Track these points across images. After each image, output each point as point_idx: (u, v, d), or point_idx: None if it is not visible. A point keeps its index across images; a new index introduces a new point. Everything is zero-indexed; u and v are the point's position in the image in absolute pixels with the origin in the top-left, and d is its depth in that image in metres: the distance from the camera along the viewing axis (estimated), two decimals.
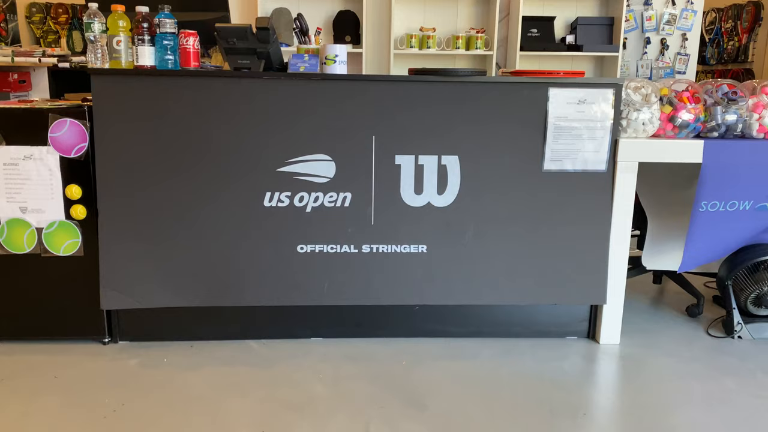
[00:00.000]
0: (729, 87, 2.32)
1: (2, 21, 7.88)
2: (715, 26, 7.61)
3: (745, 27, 7.16)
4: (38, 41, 8.57)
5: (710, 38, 7.71)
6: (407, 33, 3.94)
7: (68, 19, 8.57)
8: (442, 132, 2.22)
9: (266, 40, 2.13)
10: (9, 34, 8.05)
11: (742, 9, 7.12)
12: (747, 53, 7.14)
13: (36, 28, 8.51)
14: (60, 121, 2.12)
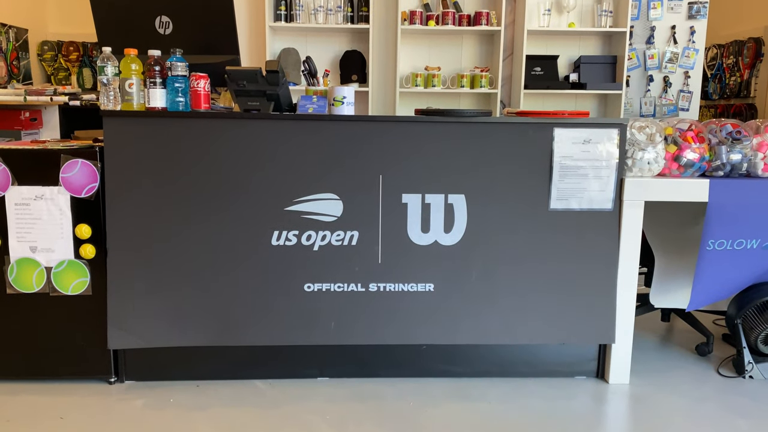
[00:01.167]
0: (733, 126, 2.34)
1: (14, 59, 8.04)
2: (716, 62, 7.70)
3: (747, 63, 7.24)
4: (49, 78, 8.73)
5: (712, 74, 7.79)
6: (413, 72, 4.01)
7: (79, 56, 8.74)
8: (449, 171, 2.24)
9: (276, 82, 2.17)
10: (21, 72, 8.21)
11: (742, 45, 7.21)
12: (749, 88, 7.20)
13: (47, 66, 8.68)
14: (72, 161, 2.15)
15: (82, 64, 8.77)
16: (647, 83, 4.16)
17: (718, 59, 7.67)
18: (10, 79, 8.11)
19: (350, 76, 4.08)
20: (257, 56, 4.17)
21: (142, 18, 2.26)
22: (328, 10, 3.93)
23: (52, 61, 8.68)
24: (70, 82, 8.80)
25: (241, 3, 4.11)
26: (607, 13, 3.92)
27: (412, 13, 3.88)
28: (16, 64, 8.08)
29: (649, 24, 4.12)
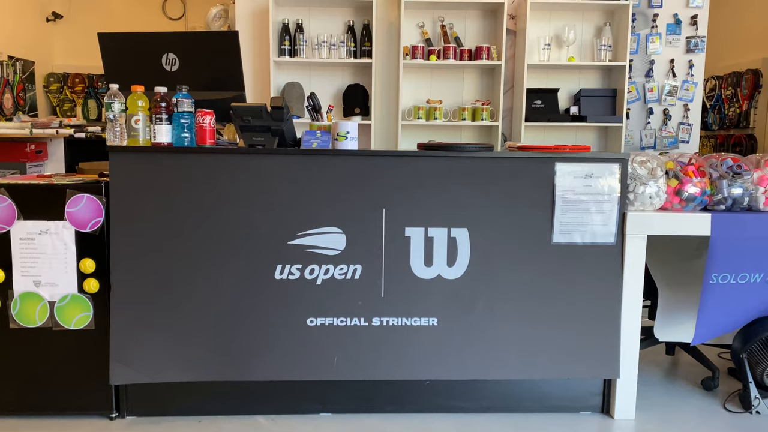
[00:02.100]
0: (733, 160, 2.36)
1: (21, 91, 8.14)
2: (715, 93, 7.77)
3: (745, 94, 7.31)
4: (54, 110, 8.83)
5: (711, 104, 7.86)
6: (414, 105, 4.05)
7: (84, 88, 8.86)
8: (452, 205, 2.26)
9: (280, 118, 2.20)
10: (26, 103, 8.31)
11: (741, 77, 7.29)
12: (748, 119, 7.26)
13: (53, 97, 8.79)
14: (77, 196, 2.17)
15: (87, 95, 8.89)
16: (647, 116, 4.20)
17: (717, 90, 7.74)
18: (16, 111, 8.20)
19: (353, 109, 4.12)
20: (261, 89, 4.22)
21: (149, 55, 2.30)
22: (331, 45, 3.99)
23: (58, 93, 8.79)
24: (75, 113, 8.90)
25: (246, 38, 4.18)
26: (606, 47, 3.97)
27: (414, 48, 3.94)
28: (22, 95, 8.19)
29: (648, 58, 4.17)
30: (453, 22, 4.14)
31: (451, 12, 4.13)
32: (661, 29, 4.15)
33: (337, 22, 4.15)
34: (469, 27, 4.14)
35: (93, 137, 4.66)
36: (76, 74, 8.69)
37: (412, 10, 4.11)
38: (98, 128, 5.02)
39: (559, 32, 4.12)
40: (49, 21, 8.44)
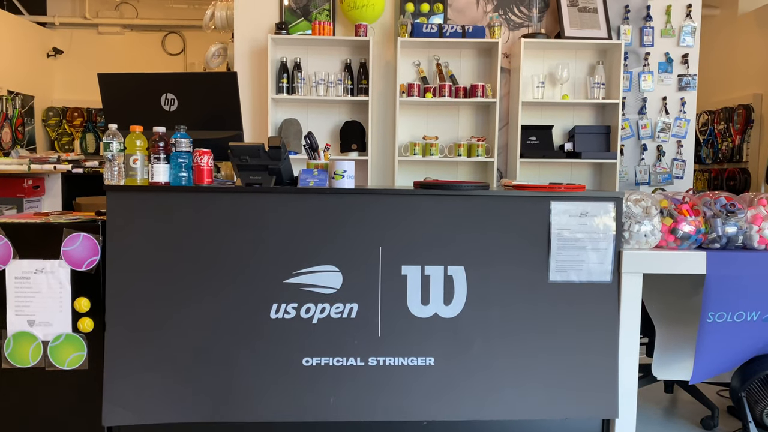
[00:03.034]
0: (727, 199, 2.38)
1: (20, 125, 8.20)
2: (708, 127, 7.87)
3: (737, 129, 7.41)
4: (53, 143, 8.88)
5: (704, 139, 7.95)
6: (411, 141, 4.09)
7: (83, 122, 8.93)
8: (448, 243, 2.26)
9: (278, 157, 2.22)
10: (25, 137, 8.36)
11: (732, 112, 7.39)
12: (741, 153, 7.34)
13: (51, 131, 8.84)
14: (74, 235, 2.17)
15: (85, 129, 8.96)
16: (641, 152, 4.24)
17: (710, 125, 7.84)
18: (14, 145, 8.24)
19: (350, 145, 4.16)
20: (259, 126, 4.26)
21: (149, 95, 2.33)
22: (329, 82, 4.04)
23: (57, 127, 8.86)
24: (74, 147, 8.95)
25: (244, 76, 4.23)
26: (600, 85, 4.03)
27: (410, 86, 4.00)
28: (21, 129, 8.24)
29: (641, 95, 4.23)
30: (448, 60, 4.21)
31: (446, 51, 4.20)
32: (653, 67, 4.22)
33: (335, 61, 4.21)
34: (464, 65, 4.21)
35: (91, 172, 4.69)
36: (75, 108, 8.77)
37: (408, 49, 4.18)
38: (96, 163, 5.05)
39: (552, 70, 4.19)
40: (49, 56, 8.54)
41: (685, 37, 4.20)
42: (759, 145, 7.09)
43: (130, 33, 8.75)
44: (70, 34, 8.66)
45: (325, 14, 4.19)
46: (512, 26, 4.24)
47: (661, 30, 4.22)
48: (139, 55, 8.75)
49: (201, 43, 8.73)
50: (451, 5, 4.22)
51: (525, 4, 4.22)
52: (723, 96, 7.71)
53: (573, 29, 4.01)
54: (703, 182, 7.90)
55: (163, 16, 8.61)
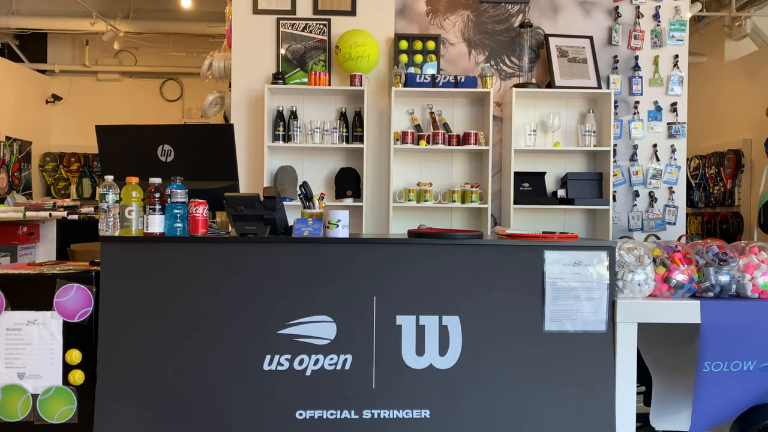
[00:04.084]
0: (719, 248, 2.40)
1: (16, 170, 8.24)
2: (699, 172, 7.97)
3: (728, 173, 7.51)
4: (49, 188, 8.90)
5: (696, 183, 8.05)
6: (405, 188, 4.13)
7: (80, 167, 8.98)
8: (442, 293, 2.26)
9: (273, 207, 2.23)
10: (21, 182, 8.39)
11: (723, 156, 7.50)
12: (733, 197, 7.42)
13: (48, 176, 8.89)
14: (67, 286, 2.16)
15: (82, 174, 9.01)
16: (633, 198, 4.29)
17: (701, 169, 7.95)
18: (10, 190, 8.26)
19: (345, 191, 4.19)
20: (255, 173, 4.30)
21: (145, 147, 2.36)
22: (324, 130, 4.10)
23: (53, 172, 8.90)
24: (70, 191, 8.98)
25: (241, 124, 4.29)
26: (591, 133, 4.10)
27: (404, 134, 4.06)
28: (17, 175, 8.28)
29: (632, 142, 4.30)
30: (441, 109, 4.28)
31: (439, 100, 4.28)
32: (642, 115, 4.30)
33: (330, 109, 4.28)
34: (457, 114, 4.28)
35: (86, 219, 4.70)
36: (72, 153, 8.84)
37: (402, 98, 4.26)
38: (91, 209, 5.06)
39: (544, 118, 4.26)
40: (48, 103, 8.65)
41: (673, 86, 4.29)
42: (750, 190, 7.17)
43: (129, 80, 8.89)
44: (70, 80, 8.79)
45: (321, 65, 4.28)
46: (503, 76, 4.33)
47: (649, 79, 4.31)
48: (137, 102, 8.87)
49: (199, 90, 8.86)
50: (443, 56, 4.32)
51: (516, 55, 4.32)
52: (713, 141, 7.84)
53: (563, 79, 4.10)
54: (696, 226, 7.96)
55: (161, 64, 8.76)
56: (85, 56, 8.67)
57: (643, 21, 4.33)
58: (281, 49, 4.28)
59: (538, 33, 4.33)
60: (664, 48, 4.32)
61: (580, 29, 4.31)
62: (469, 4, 4.32)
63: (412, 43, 4.24)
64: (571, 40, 4.22)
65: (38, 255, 4.52)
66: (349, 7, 4.29)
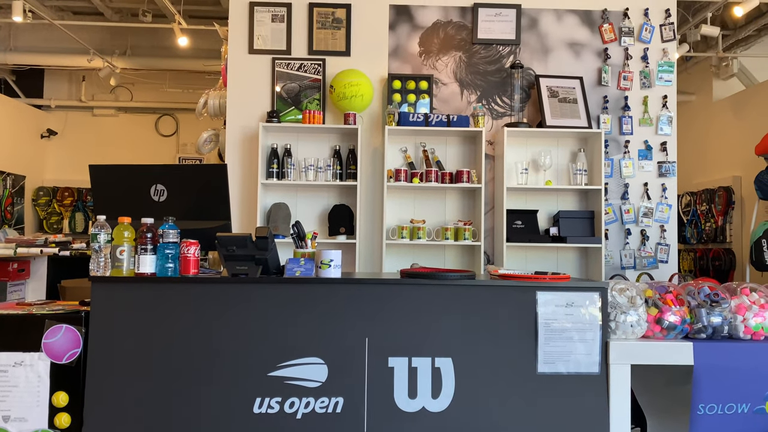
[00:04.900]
0: (710, 288, 2.40)
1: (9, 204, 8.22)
2: (691, 208, 8.03)
3: (719, 210, 7.57)
4: (41, 223, 8.87)
5: (688, 219, 8.10)
6: (399, 225, 4.14)
7: (73, 201, 8.97)
8: (435, 334, 2.25)
9: (265, 247, 2.23)
10: (13, 217, 8.36)
11: (713, 193, 7.57)
12: (725, 234, 7.47)
13: (41, 210, 8.86)
14: (56, 327, 2.14)
15: (75, 208, 8.99)
16: (625, 236, 4.31)
17: (692, 206, 8.01)
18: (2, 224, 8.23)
19: (338, 228, 4.19)
20: (248, 210, 4.31)
21: (139, 186, 2.36)
22: (318, 168, 4.13)
23: (46, 206, 8.88)
24: (62, 226, 8.95)
25: (234, 161, 4.31)
26: (582, 171, 4.14)
27: (398, 171, 4.09)
28: (9, 209, 8.25)
29: (623, 181, 4.34)
30: (434, 147, 4.32)
31: (432, 138, 4.32)
32: (633, 155, 4.35)
33: (324, 147, 4.32)
34: (450, 152, 4.32)
35: (77, 255, 4.67)
36: (66, 188, 8.83)
37: (396, 136, 4.30)
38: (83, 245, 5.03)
39: (535, 157, 4.31)
40: (43, 137, 8.68)
41: (663, 126, 4.36)
42: (741, 226, 7.23)
43: (125, 115, 8.94)
44: (65, 115, 8.84)
45: (315, 103, 4.33)
46: (495, 115, 4.39)
47: (639, 119, 4.38)
48: (132, 136, 8.91)
49: (194, 125, 8.92)
50: (436, 95, 4.38)
51: (507, 95, 4.39)
52: (703, 177, 7.92)
53: (554, 119, 4.16)
54: (689, 262, 7.98)
55: (157, 99, 8.84)
56: (82, 92, 8.74)
57: (632, 62, 4.41)
58: (276, 87, 4.33)
59: (528, 74, 4.41)
60: (653, 89, 4.40)
61: (570, 70, 4.39)
62: (461, 45, 4.40)
63: (405, 83, 4.30)
64: (561, 80, 4.29)
65: (28, 292, 4.48)
66: (344, 47, 4.36)
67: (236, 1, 4.36)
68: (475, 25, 4.38)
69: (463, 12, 4.41)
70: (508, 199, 4.21)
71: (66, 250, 4.61)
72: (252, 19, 4.34)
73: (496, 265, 4.17)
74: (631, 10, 4.43)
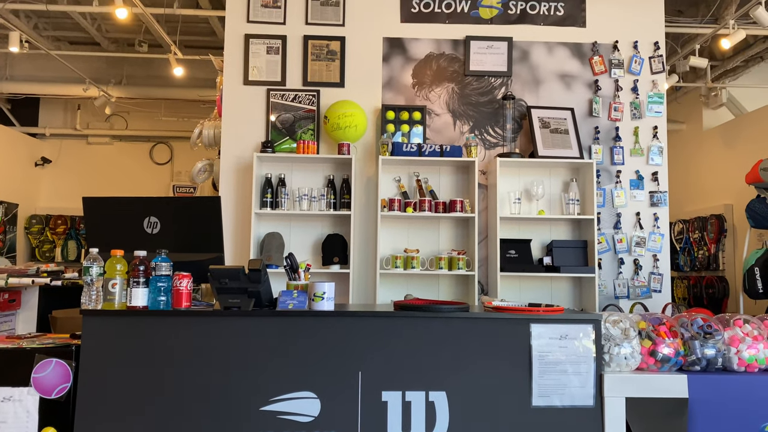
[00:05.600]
0: (703, 320, 2.41)
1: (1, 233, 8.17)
2: (684, 236, 8.07)
3: (712, 237, 7.60)
4: (33, 251, 8.82)
5: (681, 247, 8.13)
6: (392, 254, 4.13)
7: (66, 229, 8.93)
8: (429, 367, 2.23)
9: (257, 280, 2.22)
10: (6, 245, 8.31)
11: (706, 221, 7.61)
12: (718, 261, 7.49)
13: (33, 239, 8.82)
14: (45, 361, 2.12)
15: (68, 236, 8.94)
16: (619, 266, 4.32)
17: (685, 233, 8.05)
18: None
19: (332, 258, 4.19)
20: (242, 239, 4.30)
21: (132, 219, 2.36)
22: (312, 197, 4.14)
23: (39, 234, 8.84)
24: (54, 254, 8.90)
25: (229, 191, 4.32)
26: (574, 201, 4.17)
27: (391, 201, 4.10)
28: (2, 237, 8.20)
29: (615, 210, 4.37)
30: (428, 176, 4.35)
31: (425, 168, 4.35)
32: (625, 184, 4.39)
33: (318, 177, 4.33)
34: (443, 181, 4.35)
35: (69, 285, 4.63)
36: (59, 216, 8.80)
37: (389, 166, 4.33)
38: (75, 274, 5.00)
39: (528, 187, 4.33)
40: (37, 165, 8.68)
41: (654, 157, 4.40)
42: (734, 254, 7.26)
43: (119, 143, 8.97)
44: (60, 144, 8.85)
45: (309, 134, 4.36)
46: (488, 145, 4.43)
47: (630, 149, 4.42)
48: (126, 164, 8.92)
49: (188, 153, 8.95)
50: (429, 126, 4.42)
51: (499, 125, 4.43)
52: (695, 205, 7.98)
53: (546, 149, 4.20)
54: (683, 290, 7.99)
55: (151, 128, 8.87)
56: (77, 120, 8.77)
57: (622, 94, 4.48)
58: (271, 117, 4.37)
59: (520, 104, 4.46)
60: (644, 119, 4.46)
61: (562, 101, 4.45)
62: (453, 77, 4.46)
63: (399, 114, 4.34)
64: (552, 111, 4.34)
65: (18, 322, 4.43)
66: (338, 79, 4.41)
67: (232, 33, 4.41)
68: (467, 58, 4.44)
69: (455, 45, 4.48)
70: (501, 228, 4.22)
71: (58, 280, 4.57)
72: (247, 51, 4.39)
73: (491, 296, 4.17)
74: (621, 42, 4.51)
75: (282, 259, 4.11)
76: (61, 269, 5.00)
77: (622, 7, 4.54)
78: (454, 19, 4.49)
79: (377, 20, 4.47)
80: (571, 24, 4.50)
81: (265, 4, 4.43)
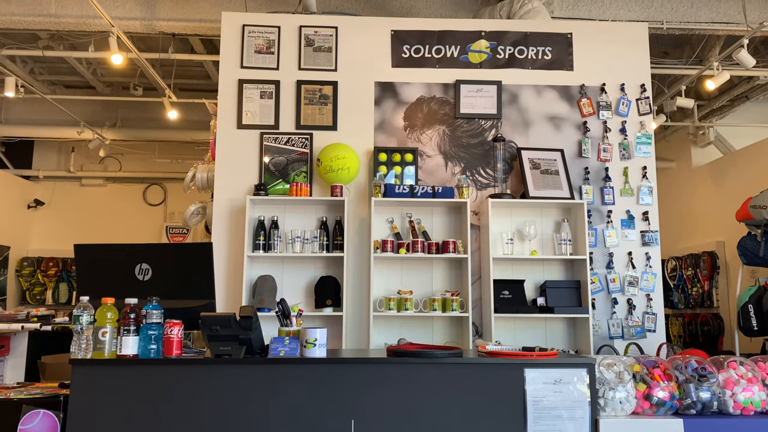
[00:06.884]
0: (697, 363, 2.40)
1: None
2: (677, 273, 8.08)
3: (705, 275, 7.62)
4: (24, 294, 8.73)
5: (674, 284, 8.13)
6: (386, 296, 4.12)
7: (57, 271, 8.87)
8: (423, 414, 2.21)
9: (249, 327, 2.21)
10: None
11: (698, 258, 7.64)
12: (712, 298, 7.48)
13: (24, 281, 8.74)
14: (33, 413, 2.08)
15: (59, 279, 8.87)
16: (612, 306, 4.31)
17: (678, 270, 8.06)
18: None
19: (325, 300, 4.17)
20: (234, 283, 4.28)
21: (123, 265, 2.36)
22: (305, 239, 4.14)
23: (30, 277, 8.77)
24: (45, 297, 8.81)
25: (221, 233, 4.32)
26: (566, 241, 4.19)
27: (384, 242, 4.10)
28: None
29: (607, 250, 4.38)
30: (420, 217, 4.37)
31: (418, 209, 4.37)
32: (616, 224, 4.41)
33: (311, 219, 4.34)
34: (436, 222, 4.37)
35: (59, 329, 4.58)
36: (51, 258, 8.75)
37: (382, 207, 4.35)
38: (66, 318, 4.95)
39: (520, 227, 4.35)
40: (30, 207, 8.67)
41: (644, 197, 4.44)
42: (728, 291, 7.26)
43: (113, 185, 8.99)
44: (53, 186, 8.87)
45: (302, 176, 4.39)
46: (479, 186, 4.46)
47: (620, 189, 4.47)
48: (119, 206, 8.93)
49: (181, 194, 8.97)
50: (421, 167, 4.46)
51: (490, 166, 4.48)
52: (687, 242, 8.01)
53: (537, 190, 4.24)
54: (678, 327, 7.96)
55: (145, 169, 8.91)
56: (71, 162, 8.80)
57: (611, 135, 4.54)
58: (264, 159, 4.40)
59: (511, 146, 4.52)
60: (633, 160, 4.51)
61: (551, 142, 4.51)
62: (444, 119, 4.52)
63: (391, 155, 4.39)
64: (542, 153, 4.40)
65: (7, 369, 4.36)
66: (331, 122, 4.46)
67: (226, 79, 4.48)
68: (457, 101, 4.51)
69: (445, 88, 4.55)
70: (494, 269, 4.23)
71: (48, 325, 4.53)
72: (241, 96, 4.45)
73: (485, 338, 4.14)
74: (608, 85, 4.60)
75: (274, 302, 4.08)
76: (52, 313, 4.96)
77: (608, 50, 4.64)
78: (444, 64, 4.57)
79: (369, 65, 4.55)
80: (558, 67, 4.60)
81: (258, 50, 4.51)
